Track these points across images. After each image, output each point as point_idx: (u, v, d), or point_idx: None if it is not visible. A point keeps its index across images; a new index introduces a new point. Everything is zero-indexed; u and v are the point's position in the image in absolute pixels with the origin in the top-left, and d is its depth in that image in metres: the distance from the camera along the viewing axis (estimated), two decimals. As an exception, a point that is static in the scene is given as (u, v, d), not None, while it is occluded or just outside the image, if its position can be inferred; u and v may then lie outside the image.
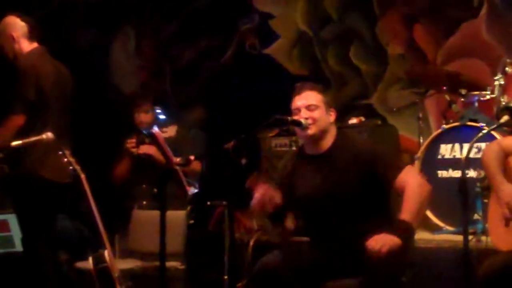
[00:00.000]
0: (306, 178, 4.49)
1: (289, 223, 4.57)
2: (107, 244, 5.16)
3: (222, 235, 5.68)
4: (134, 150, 6.28)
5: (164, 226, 4.63)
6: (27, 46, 5.61)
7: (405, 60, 7.91)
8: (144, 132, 5.30)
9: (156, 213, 4.75)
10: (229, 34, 8.92)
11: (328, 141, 4.46)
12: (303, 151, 4.58)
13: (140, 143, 6.23)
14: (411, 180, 4.19)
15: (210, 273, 5.93)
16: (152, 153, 6.11)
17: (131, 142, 6.29)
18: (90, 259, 5.26)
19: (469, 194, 4.33)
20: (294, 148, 5.92)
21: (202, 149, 6.52)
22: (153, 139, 5.00)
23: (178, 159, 4.99)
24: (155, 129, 4.96)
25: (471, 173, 5.56)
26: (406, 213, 4.08)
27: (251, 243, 5.91)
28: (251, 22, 8.84)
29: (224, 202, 5.81)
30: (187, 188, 5.61)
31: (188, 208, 6.01)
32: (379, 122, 6.34)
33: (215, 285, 5.62)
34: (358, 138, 4.64)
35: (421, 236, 5.68)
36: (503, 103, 5.42)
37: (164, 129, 6.53)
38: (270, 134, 6.09)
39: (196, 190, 6.24)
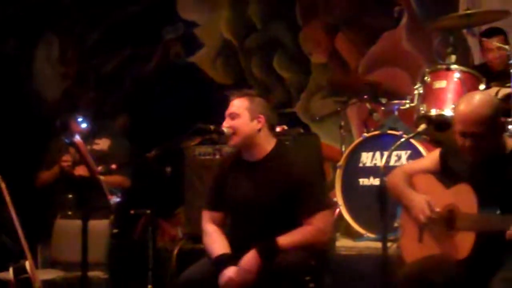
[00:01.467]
0: (237, 184, 4.48)
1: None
2: (28, 254, 5.09)
3: (146, 244, 5.66)
4: (69, 169, 6.19)
5: (86, 236, 4.60)
6: None
7: (327, 69, 8.01)
8: (66, 140, 5.23)
9: (78, 223, 4.72)
10: (153, 42, 8.91)
11: (263, 149, 4.44)
12: (240, 155, 4.56)
13: (75, 163, 6.14)
14: (317, 225, 4.27)
15: (134, 282, 5.90)
16: (88, 175, 6.02)
17: (66, 161, 6.21)
18: (11, 270, 5.16)
19: (389, 202, 4.36)
20: (217, 157, 5.93)
21: (125, 158, 6.48)
22: (74, 148, 4.96)
23: (99, 168, 4.94)
24: (77, 137, 4.91)
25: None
26: (285, 239, 4.22)
27: (175, 251, 5.90)
28: (176, 31, 8.85)
29: (148, 211, 5.80)
30: (109, 197, 5.57)
31: (112, 217, 5.98)
32: (302, 130, 6.38)
33: (139, 294, 5.60)
34: (295, 156, 4.53)
35: (343, 243, 5.75)
36: (422, 112, 5.53)
37: (97, 141, 6.50)
38: (193, 143, 6.08)
39: (118, 199, 6.21)
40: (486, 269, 3.81)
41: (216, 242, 4.43)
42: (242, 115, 4.42)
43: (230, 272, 4.20)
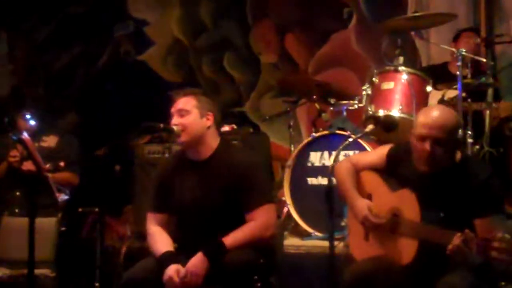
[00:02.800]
0: (183, 184, 4.44)
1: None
2: (-26, 252, 5.05)
3: (94, 242, 5.64)
4: (17, 165, 6.13)
5: (32, 233, 4.57)
6: None
7: (277, 69, 8.05)
8: (13, 137, 5.20)
9: (26, 220, 4.67)
10: (104, 40, 8.88)
11: (208, 148, 4.41)
12: (184, 155, 4.50)
13: (23, 159, 6.08)
14: (260, 219, 4.27)
15: (81, 280, 5.87)
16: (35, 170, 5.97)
17: (14, 156, 6.15)
18: (-44, 269, 5.13)
19: (337, 201, 4.38)
20: (167, 155, 5.93)
21: (74, 156, 6.45)
22: (22, 145, 4.92)
23: (47, 165, 4.91)
24: (25, 134, 4.88)
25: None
26: (230, 239, 4.21)
27: (123, 249, 5.89)
28: (126, 29, 8.83)
29: (96, 209, 5.77)
30: (57, 194, 5.54)
31: (59, 215, 5.94)
32: (251, 129, 6.40)
33: (86, 292, 5.59)
34: (239, 151, 4.58)
35: (291, 242, 5.76)
36: (370, 113, 5.58)
37: (45, 138, 6.45)
38: (142, 141, 6.07)
39: (66, 197, 6.18)
40: (430, 275, 3.86)
41: (159, 241, 4.40)
42: (191, 112, 4.38)
43: (170, 271, 4.19)
